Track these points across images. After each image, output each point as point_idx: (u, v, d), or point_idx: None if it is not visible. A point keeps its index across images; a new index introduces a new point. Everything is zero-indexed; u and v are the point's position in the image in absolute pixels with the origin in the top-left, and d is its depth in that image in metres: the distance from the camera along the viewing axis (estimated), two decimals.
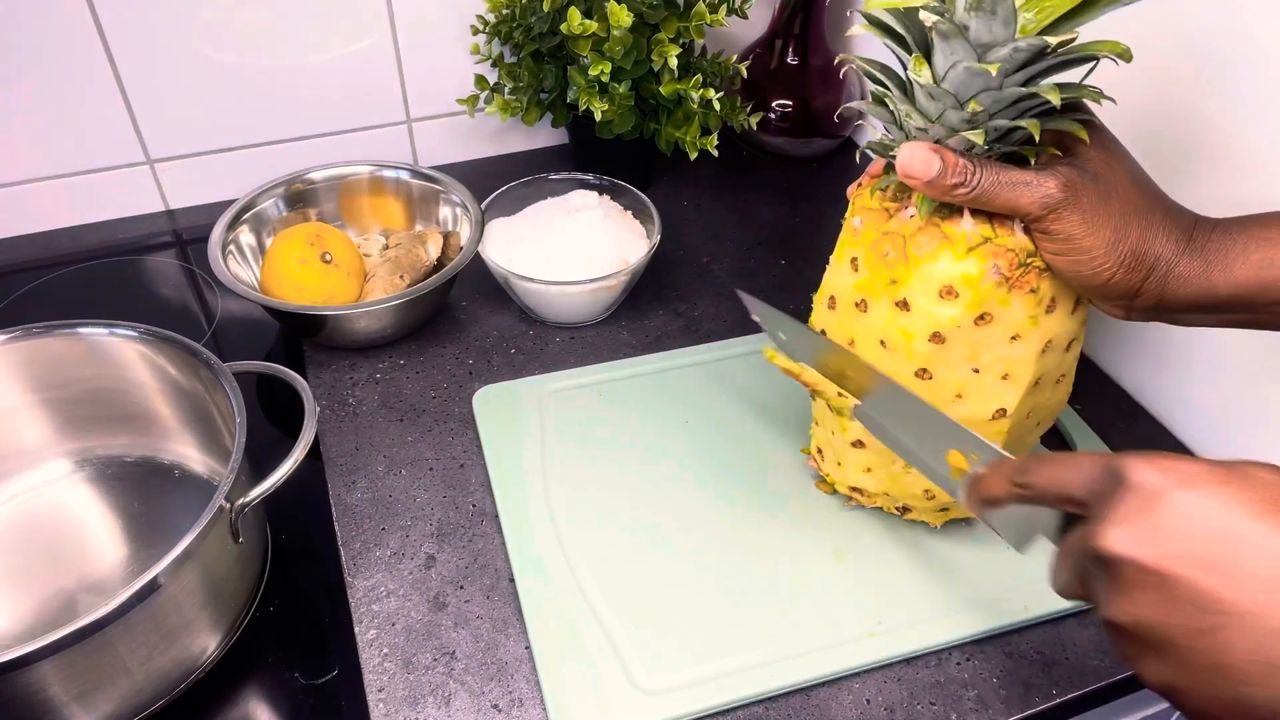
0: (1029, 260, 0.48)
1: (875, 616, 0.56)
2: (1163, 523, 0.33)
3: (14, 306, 0.80)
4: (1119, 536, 0.33)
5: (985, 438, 0.46)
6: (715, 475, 0.64)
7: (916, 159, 0.46)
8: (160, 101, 0.84)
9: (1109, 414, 0.71)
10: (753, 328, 0.77)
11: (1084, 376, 0.74)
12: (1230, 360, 0.64)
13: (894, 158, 0.48)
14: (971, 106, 0.45)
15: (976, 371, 0.50)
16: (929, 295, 0.49)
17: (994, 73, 0.43)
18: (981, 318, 0.48)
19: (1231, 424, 0.65)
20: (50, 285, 0.82)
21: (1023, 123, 0.45)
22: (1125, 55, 0.43)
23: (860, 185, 0.54)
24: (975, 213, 0.48)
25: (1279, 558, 0.31)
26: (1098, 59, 0.44)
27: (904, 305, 0.50)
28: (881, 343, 0.51)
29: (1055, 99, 0.43)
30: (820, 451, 0.61)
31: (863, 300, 0.51)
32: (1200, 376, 0.66)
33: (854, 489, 0.60)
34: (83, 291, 0.82)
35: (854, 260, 0.52)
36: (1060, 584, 0.39)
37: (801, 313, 0.78)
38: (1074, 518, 0.38)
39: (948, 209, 0.49)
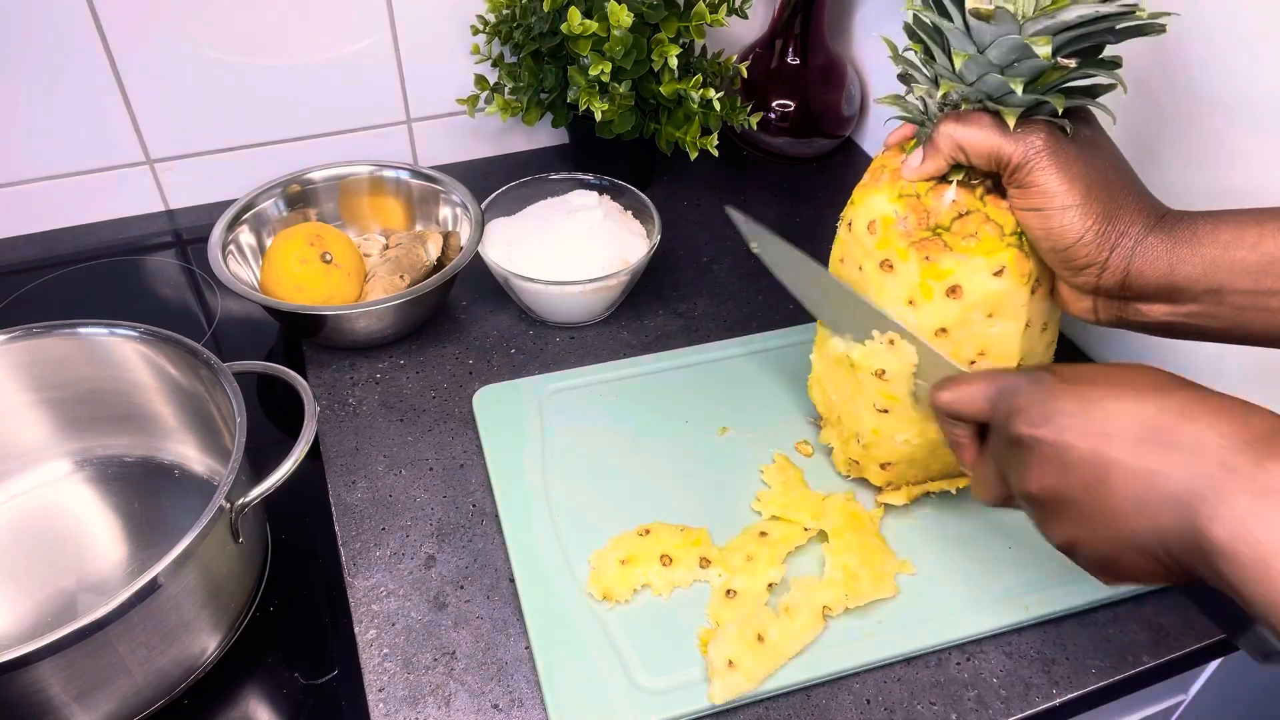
0: (936, 229, 0.50)
1: (875, 616, 0.56)
2: (1054, 404, 0.41)
3: (14, 306, 0.80)
4: (1024, 420, 0.42)
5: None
6: (715, 475, 0.64)
7: (910, 160, 0.52)
8: (160, 101, 0.84)
9: None
10: (752, 327, 0.77)
11: None
12: (1230, 361, 0.64)
13: (920, 121, 0.52)
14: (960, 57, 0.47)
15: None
16: (861, 222, 0.53)
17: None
18: (885, 263, 0.52)
19: None
20: (50, 285, 0.82)
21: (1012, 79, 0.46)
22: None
23: (886, 149, 0.56)
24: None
25: (1137, 417, 0.39)
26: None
27: (849, 226, 0.55)
28: (840, 259, 0.57)
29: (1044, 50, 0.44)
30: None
31: (851, 220, 0.56)
32: (1198, 375, 0.66)
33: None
34: (83, 291, 0.82)
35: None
36: (984, 489, 0.47)
37: (802, 312, 0.79)
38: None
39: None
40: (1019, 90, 0.45)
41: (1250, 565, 0.34)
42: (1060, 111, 0.46)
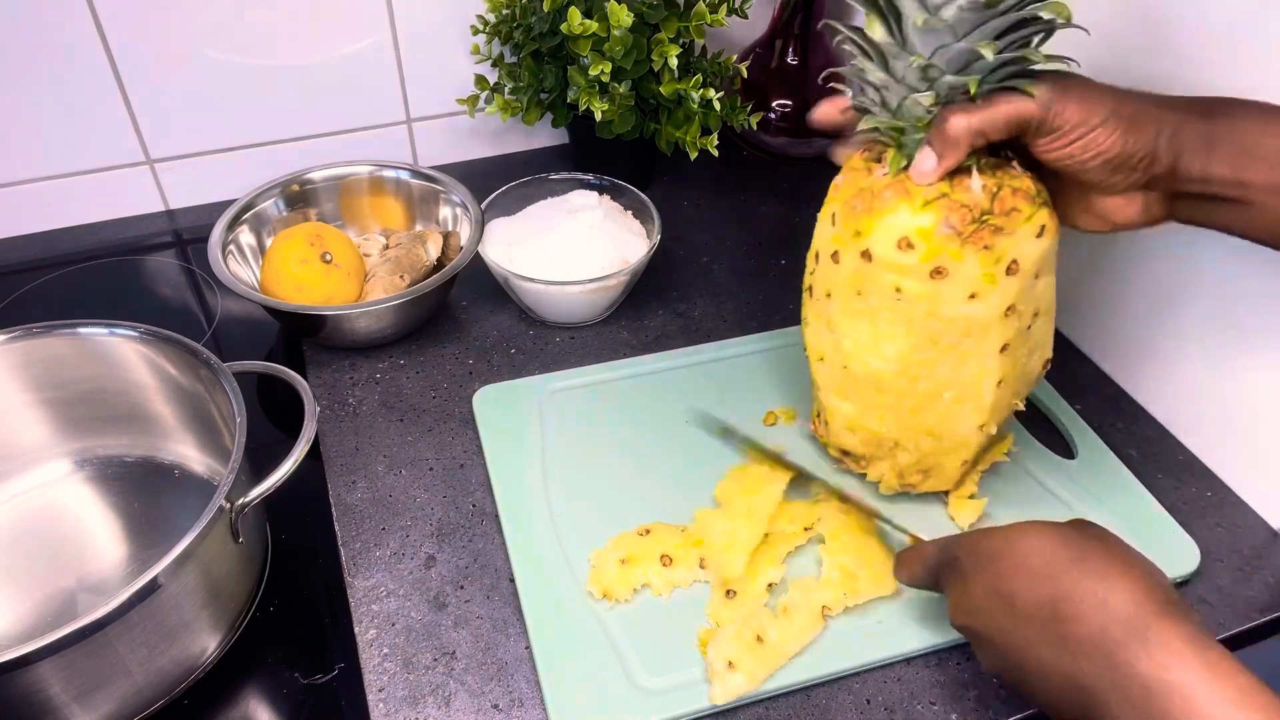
0: (983, 218, 0.50)
1: (875, 616, 0.56)
2: (969, 601, 0.47)
3: (14, 306, 0.80)
4: (953, 613, 0.48)
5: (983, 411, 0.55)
6: (714, 475, 0.64)
7: (921, 166, 0.50)
8: (160, 101, 0.84)
9: (1109, 414, 0.71)
10: (752, 327, 0.77)
11: (1084, 376, 0.74)
12: (1228, 357, 0.64)
13: (872, 116, 0.52)
14: (915, 59, 0.47)
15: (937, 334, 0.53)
16: (888, 245, 0.51)
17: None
18: (937, 271, 0.50)
19: (1229, 421, 0.65)
20: (50, 285, 0.82)
21: (968, 78, 0.47)
22: (1065, 14, 0.45)
23: (845, 150, 0.57)
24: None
25: (1037, 612, 0.43)
26: (1050, 23, 0.46)
27: (867, 256, 0.52)
28: (858, 292, 0.54)
29: (990, 52, 0.45)
30: (819, 416, 0.63)
31: (836, 252, 0.54)
32: (1199, 374, 0.66)
33: (843, 452, 0.62)
34: (83, 291, 0.82)
35: (833, 215, 0.55)
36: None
37: (799, 312, 0.79)
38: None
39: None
40: (989, 54, 0.45)
41: None
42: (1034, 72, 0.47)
